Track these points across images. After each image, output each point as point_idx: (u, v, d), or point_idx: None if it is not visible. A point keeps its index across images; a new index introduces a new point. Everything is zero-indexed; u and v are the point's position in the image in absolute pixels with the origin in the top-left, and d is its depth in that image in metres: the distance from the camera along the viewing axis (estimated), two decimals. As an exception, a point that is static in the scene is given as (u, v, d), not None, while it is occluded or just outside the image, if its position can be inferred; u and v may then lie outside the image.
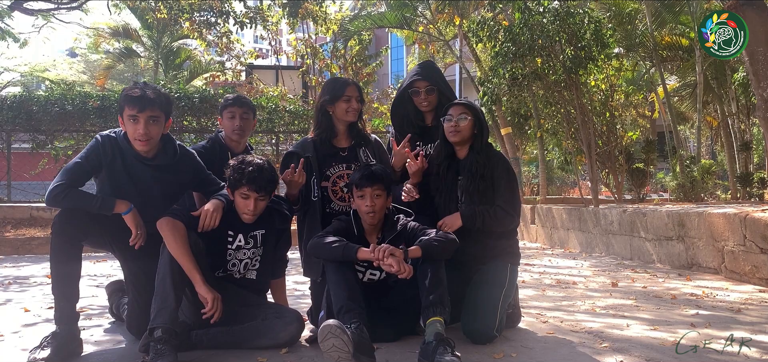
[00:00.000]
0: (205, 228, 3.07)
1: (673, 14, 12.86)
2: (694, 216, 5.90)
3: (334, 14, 13.62)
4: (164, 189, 3.24)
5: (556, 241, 9.06)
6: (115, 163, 3.11)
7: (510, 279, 3.44)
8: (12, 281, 5.63)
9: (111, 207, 3.02)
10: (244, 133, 3.96)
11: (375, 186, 3.20)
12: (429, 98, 3.75)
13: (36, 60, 29.43)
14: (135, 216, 3.06)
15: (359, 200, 3.25)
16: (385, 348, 3.06)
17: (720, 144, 17.25)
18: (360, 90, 3.73)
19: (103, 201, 3.02)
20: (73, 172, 3.04)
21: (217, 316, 2.95)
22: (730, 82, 13.53)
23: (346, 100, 3.60)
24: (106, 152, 3.10)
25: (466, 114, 3.46)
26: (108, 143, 3.12)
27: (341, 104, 3.60)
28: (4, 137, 10.84)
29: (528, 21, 8.51)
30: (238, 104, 3.93)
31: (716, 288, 4.94)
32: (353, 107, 3.62)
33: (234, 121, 3.89)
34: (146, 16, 17.74)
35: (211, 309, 2.93)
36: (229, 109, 3.92)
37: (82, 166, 3.07)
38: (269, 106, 11.37)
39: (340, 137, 3.69)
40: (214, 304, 2.93)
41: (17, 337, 3.46)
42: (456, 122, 3.44)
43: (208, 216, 3.08)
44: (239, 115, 3.90)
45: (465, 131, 3.46)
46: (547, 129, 10.91)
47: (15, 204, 9.98)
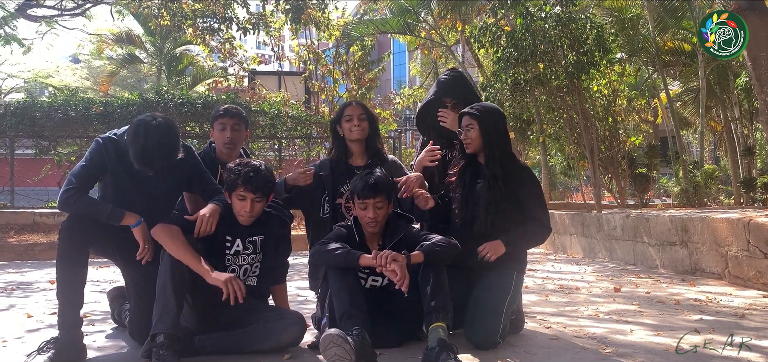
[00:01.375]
0: (202, 233, 3.06)
1: (676, 19, 12.87)
2: (697, 222, 5.88)
3: (336, 20, 13.63)
4: (167, 186, 3.24)
5: (559, 246, 9.05)
6: (118, 165, 3.11)
7: (515, 287, 3.42)
8: (15, 287, 5.64)
9: (120, 218, 3.03)
10: (236, 145, 3.82)
11: (377, 197, 3.19)
12: (454, 116, 3.73)
13: (39, 66, 29.53)
14: (143, 230, 3.06)
15: (361, 210, 3.23)
16: (387, 354, 3.05)
17: (723, 149, 17.23)
18: (364, 108, 3.75)
19: (113, 212, 3.02)
20: (81, 175, 3.05)
21: (241, 296, 2.94)
22: (733, 86, 13.51)
23: (348, 120, 3.70)
24: (108, 153, 3.10)
25: (472, 123, 3.43)
26: (109, 144, 3.12)
27: (344, 124, 3.71)
28: (8, 143, 10.86)
29: (530, 26, 8.51)
30: (229, 115, 3.78)
31: (720, 294, 4.92)
32: (355, 125, 3.67)
33: (225, 133, 3.76)
34: (149, 22, 17.78)
35: (229, 292, 2.92)
36: (219, 120, 3.79)
37: (89, 169, 3.08)
38: (272, 112, 11.37)
39: (355, 156, 3.74)
40: (230, 286, 2.93)
41: (20, 343, 3.46)
42: (465, 134, 3.45)
43: (204, 222, 3.08)
44: (230, 127, 3.77)
45: (475, 141, 3.44)
46: (549, 134, 10.91)
47: (18, 210, 10.00)
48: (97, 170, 3.11)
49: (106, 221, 3.02)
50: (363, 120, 3.70)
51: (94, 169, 3.09)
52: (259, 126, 11.14)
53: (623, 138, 10.04)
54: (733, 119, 14.46)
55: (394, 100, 16.63)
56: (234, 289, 2.93)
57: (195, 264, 2.95)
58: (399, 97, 16.99)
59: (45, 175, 11.02)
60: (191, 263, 2.95)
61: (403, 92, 18.94)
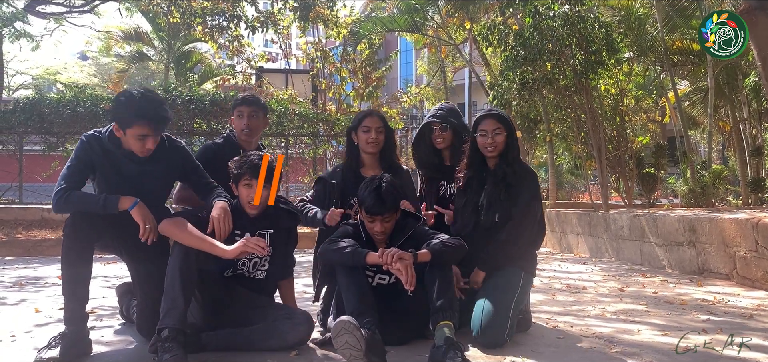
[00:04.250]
0: (224, 235, 3.05)
1: (685, 18, 12.82)
2: (705, 222, 5.86)
3: (344, 18, 13.64)
4: (154, 182, 3.24)
5: (566, 246, 9.03)
6: (105, 161, 3.12)
7: (522, 286, 3.43)
8: (25, 282, 5.67)
9: (115, 203, 3.01)
10: (254, 131, 3.98)
11: (385, 214, 3.18)
12: (443, 135, 3.85)
13: (48, 63, 29.70)
14: (141, 209, 3.03)
15: (369, 223, 3.22)
16: (394, 352, 3.04)
17: (731, 149, 17.15)
18: (383, 121, 3.76)
19: (107, 200, 3.01)
20: (69, 175, 3.06)
21: (263, 251, 2.99)
22: (742, 86, 13.45)
23: (365, 131, 3.69)
24: (94, 149, 3.11)
25: (500, 129, 3.47)
26: (94, 141, 3.13)
27: (360, 134, 3.71)
28: (17, 139, 10.91)
29: (538, 25, 8.49)
30: (247, 104, 3.97)
31: (728, 294, 4.90)
32: (372, 138, 3.68)
33: (242, 121, 3.94)
34: (158, 20, 17.84)
35: (252, 251, 2.97)
36: (237, 108, 3.98)
37: (76, 166, 3.09)
38: (279, 110, 11.39)
39: (367, 167, 3.74)
40: (248, 248, 2.96)
41: (29, 337, 3.48)
42: (492, 139, 3.46)
43: (221, 222, 3.05)
44: (247, 115, 3.93)
45: (501, 145, 3.48)
46: (556, 133, 10.88)
47: (27, 206, 10.04)
48: (85, 168, 3.11)
49: (102, 211, 3.00)
50: (380, 133, 3.70)
51: (81, 166, 3.09)
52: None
53: (631, 137, 10.02)
54: (741, 119, 14.39)
55: (401, 99, 16.64)
56: (255, 248, 2.97)
57: (209, 246, 2.96)
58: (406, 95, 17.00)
59: (53, 171, 11.06)
60: (205, 246, 2.96)
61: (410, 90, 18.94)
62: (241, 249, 2.97)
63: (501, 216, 3.43)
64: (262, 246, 2.99)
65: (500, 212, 3.42)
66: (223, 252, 2.97)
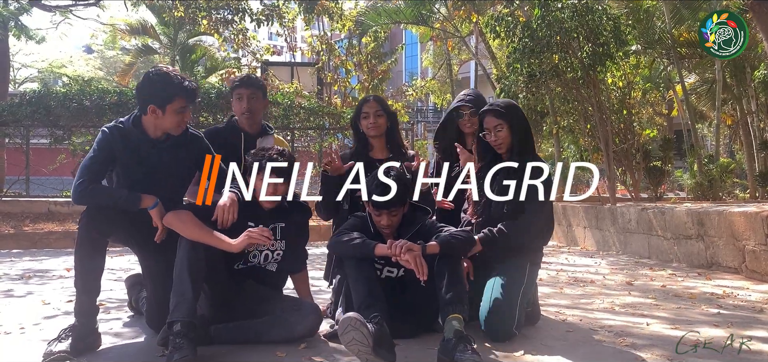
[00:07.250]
0: (225, 224, 3.06)
1: (692, 11, 12.71)
2: (714, 215, 5.83)
3: (349, 11, 13.61)
4: (174, 170, 3.24)
5: (572, 239, 9.00)
6: (126, 152, 3.12)
7: (529, 277, 3.41)
8: (32, 274, 5.69)
9: (137, 202, 3.02)
10: (254, 114, 3.95)
11: (391, 209, 3.17)
12: (472, 120, 3.83)
13: (53, 56, 29.73)
14: (161, 211, 3.05)
15: (376, 216, 3.21)
16: (403, 345, 3.03)
17: (739, 142, 17.04)
18: (381, 104, 3.82)
19: (129, 197, 3.02)
20: (91, 167, 3.05)
21: (268, 241, 3.02)
22: (750, 80, 13.35)
23: (365, 117, 3.79)
24: (115, 140, 3.10)
25: (501, 125, 3.40)
26: (116, 132, 3.12)
27: (362, 121, 3.80)
28: (23, 132, 10.94)
29: (547, 17, 8.45)
30: (245, 85, 3.94)
31: (737, 288, 4.87)
32: (371, 122, 3.76)
33: (242, 103, 3.92)
34: (163, 13, 17.83)
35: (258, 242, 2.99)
36: (237, 90, 3.96)
37: (98, 159, 3.07)
38: (284, 103, 11.38)
39: (376, 150, 3.83)
40: (253, 239, 2.97)
41: (37, 329, 3.49)
42: (495, 136, 3.41)
43: (225, 211, 3.07)
44: (247, 97, 3.91)
45: (506, 140, 3.41)
46: (563, 126, 10.83)
47: (33, 199, 10.09)
48: (107, 159, 3.10)
49: (123, 207, 3.01)
50: (379, 116, 3.77)
51: (103, 158, 3.08)
52: (271, 117, 11.14)
53: (637, 131, 9.97)
54: (749, 113, 14.29)
55: (407, 92, 16.62)
56: (259, 239, 2.97)
57: (214, 240, 2.96)
58: (411, 88, 16.96)
59: (60, 164, 11.09)
60: (209, 239, 2.96)
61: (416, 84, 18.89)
62: (246, 241, 2.98)
63: (511, 209, 3.39)
64: (266, 236, 2.99)
65: (510, 206, 3.39)
66: (229, 246, 2.97)
